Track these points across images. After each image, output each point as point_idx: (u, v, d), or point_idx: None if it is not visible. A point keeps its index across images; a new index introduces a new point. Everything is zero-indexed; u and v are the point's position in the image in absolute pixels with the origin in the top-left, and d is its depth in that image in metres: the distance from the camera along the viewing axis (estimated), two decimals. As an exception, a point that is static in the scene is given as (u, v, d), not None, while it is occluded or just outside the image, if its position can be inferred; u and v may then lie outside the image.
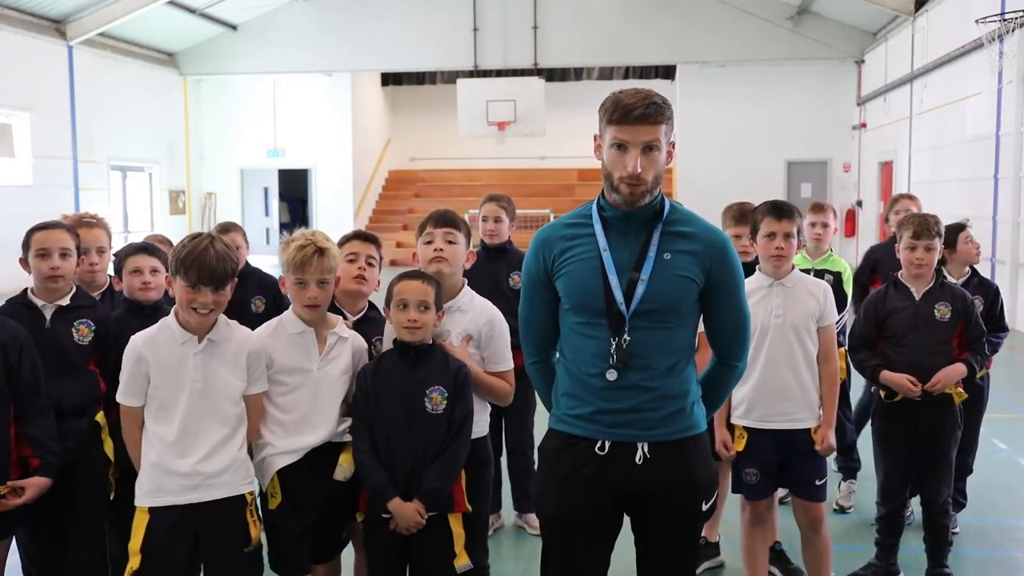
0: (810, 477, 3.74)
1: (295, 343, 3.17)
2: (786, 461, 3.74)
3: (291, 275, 3.17)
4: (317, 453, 3.15)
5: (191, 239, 2.99)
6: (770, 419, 3.70)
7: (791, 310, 3.68)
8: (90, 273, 3.75)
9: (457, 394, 3.17)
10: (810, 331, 3.69)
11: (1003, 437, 6.53)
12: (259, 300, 4.69)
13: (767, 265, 3.73)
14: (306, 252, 3.14)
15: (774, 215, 3.70)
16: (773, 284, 3.71)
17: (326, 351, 3.18)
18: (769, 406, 3.70)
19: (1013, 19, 11.14)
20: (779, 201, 3.82)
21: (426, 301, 3.14)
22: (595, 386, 2.60)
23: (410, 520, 3.09)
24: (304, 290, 3.15)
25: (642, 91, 2.57)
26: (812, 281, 3.80)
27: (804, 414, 3.70)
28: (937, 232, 4.13)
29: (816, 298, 3.71)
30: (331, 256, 3.19)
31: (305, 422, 3.15)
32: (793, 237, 3.69)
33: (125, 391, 3.00)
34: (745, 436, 3.74)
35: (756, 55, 20.12)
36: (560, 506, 2.66)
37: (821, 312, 3.70)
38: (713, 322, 2.70)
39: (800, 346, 3.68)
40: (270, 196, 24.27)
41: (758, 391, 3.70)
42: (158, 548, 2.90)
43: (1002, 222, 12.05)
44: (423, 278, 3.21)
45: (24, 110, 16.39)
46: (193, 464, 2.93)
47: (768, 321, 3.67)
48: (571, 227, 2.68)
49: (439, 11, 20.80)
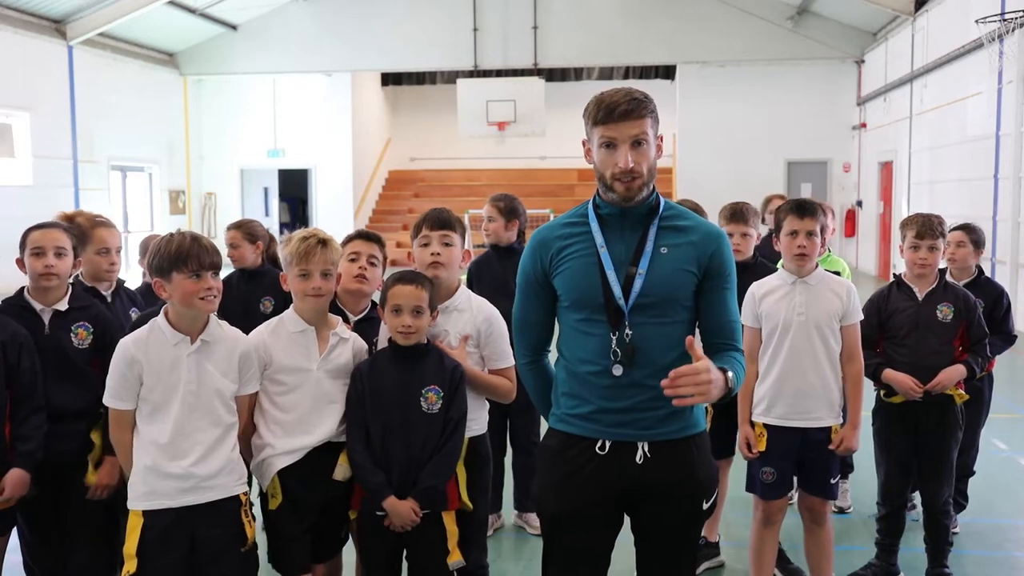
0: (824, 475, 3.75)
1: (295, 342, 3.17)
2: (802, 458, 3.74)
3: (295, 267, 3.17)
4: (317, 453, 3.15)
5: (167, 239, 2.96)
6: (791, 417, 3.70)
7: (814, 308, 3.68)
8: (108, 272, 3.81)
9: (452, 393, 3.17)
10: (833, 329, 3.69)
11: (1003, 437, 6.53)
12: (268, 301, 4.70)
13: (790, 263, 3.74)
14: (309, 243, 3.16)
15: (796, 213, 3.71)
16: (796, 282, 3.72)
17: (327, 351, 3.18)
18: (790, 404, 3.70)
19: (1013, 19, 11.14)
20: (802, 199, 3.84)
21: (419, 306, 3.15)
22: (596, 384, 2.60)
23: (405, 518, 3.10)
24: (308, 280, 3.14)
25: (622, 89, 2.59)
26: (836, 279, 3.79)
27: (824, 412, 3.70)
28: (941, 232, 4.13)
29: (839, 297, 3.70)
30: (333, 248, 3.21)
31: (305, 422, 3.14)
32: (816, 235, 3.69)
33: (115, 394, 2.95)
34: (765, 434, 3.74)
35: (756, 55, 20.13)
36: (561, 506, 2.66)
37: (845, 311, 3.69)
38: (712, 313, 2.66)
39: (823, 344, 3.68)
40: (270, 196, 24.29)
41: (779, 388, 3.70)
42: (153, 551, 2.88)
43: (1002, 222, 12.05)
44: (416, 282, 3.20)
45: (24, 110, 16.39)
46: (187, 466, 2.90)
47: (791, 318, 3.68)
48: (568, 226, 2.69)
49: (439, 11, 20.80)
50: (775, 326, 3.70)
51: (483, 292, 3.68)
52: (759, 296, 3.78)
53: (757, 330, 3.76)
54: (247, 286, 4.75)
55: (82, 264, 3.65)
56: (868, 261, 19.09)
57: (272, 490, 3.15)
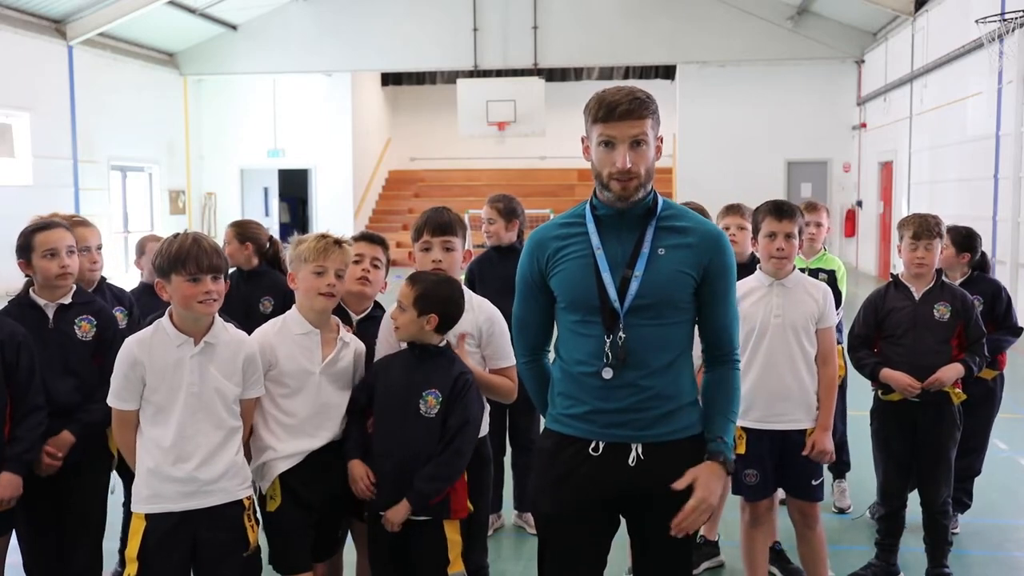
0: (806, 477, 3.73)
1: (299, 344, 3.17)
2: (783, 461, 3.73)
3: (309, 264, 3.16)
4: (319, 454, 3.15)
5: (171, 239, 2.96)
6: (768, 419, 3.70)
7: (790, 310, 3.68)
8: (91, 271, 3.81)
9: (454, 400, 3.13)
10: (809, 332, 3.69)
11: (1003, 437, 6.52)
12: (268, 301, 4.70)
13: (768, 265, 3.73)
14: (327, 241, 3.19)
15: (775, 215, 3.69)
16: (773, 284, 3.71)
17: (333, 354, 3.18)
18: (767, 406, 3.69)
19: (1013, 19, 11.13)
20: (780, 201, 3.81)
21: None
22: (590, 385, 2.59)
23: (393, 518, 3.07)
24: (323, 277, 3.15)
25: (625, 88, 2.57)
26: (812, 282, 3.79)
27: (801, 415, 3.70)
28: (938, 232, 4.13)
29: (815, 299, 3.70)
30: (347, 251, 3.25)
31: (307, 425, 3.14)
32: (794, 237, 3.68)
33: (118, 395, 2.94)
34: (744, 437, 3.74)
35: (756, 55, 20.12)
36: (555, 506, 2.66)
37: (821, 313, 3.69)
38: (712, 317, 2.66)
39: (799, 347, 3.68)
40: (270, 196, 24.27)
41: (756, 391, 3.69)
42: (156, 555, 2.87)
43: (1002, 222, 12.04)
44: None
45: (24, 110, 16.38)
46: (190, 470, 2.88)
47: (767, 320, 3.67)
48: (564, 227, 2.68)
49: (439, 11, 20.79)
50: (752, 328, 3.66)
51: (484, 292, 3.68)
52: (738, 297, 3.76)
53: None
54: (246, 286, 4.75)
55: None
56: (868, 261, 19.08)
57: (271, 492, 3.14)
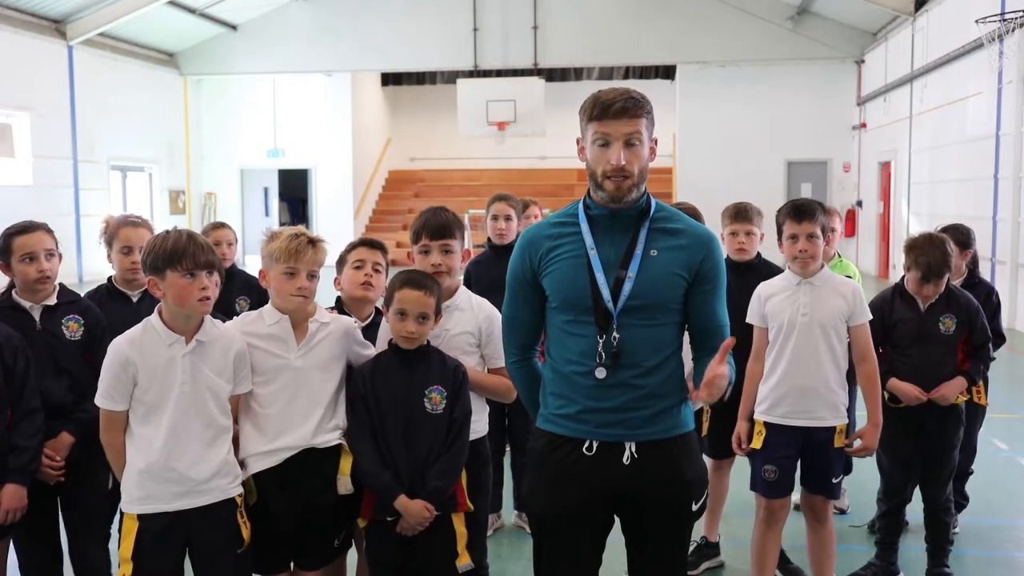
0: (827, 474, 3.75)
1: (271, 332, 3.07)
2: (805, 457, 3.75)
3: (280, 264, 3.04)
4: (299, 460, 3.04)
5: (162, 236, 2.91)
6: (794, 416, 3.70)
7: (818, 308, 3.67)
8: (132, 272, 3.68)
9: (456, 393, 3.16)
10: (838, 330, 3.68)
11: (1003, 437, 6.52)
12: (243, 300, 4.73)
13: (794, 265, 3.74)
14: (300, 241, 3.06)
15: (794, 218, 3.70)
16: (800, 283, 3.72)
17: (306, 340, 3.08)
18: (794, 403, 3.69)
19: (1013, 19, 11.13)
20: (800, 202, 3.80)
21: (425, 312, 3.12)
22: (583, 384, 2.59)
23: (417, 518, 3.06)
24: (293, 279, 3.03)
25: (620, 87, 2.59)
26: (841, 280, 3.78)
27: (827, 412, 3.70)
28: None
29: (844, 297, 3.69)
30: (321, 251, 3.10)
31: (284, 418, 3.03)
32: (817, 237, 3.67)
33: (107, 395, 2.87)
34: (763, 433, 3.74)
35: (756, 55, 20.12)
36: (549, 506, 2.66)
37: (851, 311, 3.68)
38: (705, 317, 2.66)
39: (827, 344, 3.67)
40: (270, 196, 24.29)
41: (783, 388, 3.70)
42: (149, 555, 2.85)
43: (1002, 222, 12.04)
44: (424, 288, 3.12)
45: (24, 110, 16.38)
46: (182, 470, 2.84)
47: (795, 318, 3.68)
48: (557, 226, 2.67)
49: (439, 11, 20.79)
50: (780, 326, 3.70)
51: (481, 292, 3.68)
52: (764, 297, 3.79)
53: (764, 330, 3.78)
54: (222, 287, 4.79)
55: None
56: (868, 261, 19.08)
57: (249, 487, 3.04)
